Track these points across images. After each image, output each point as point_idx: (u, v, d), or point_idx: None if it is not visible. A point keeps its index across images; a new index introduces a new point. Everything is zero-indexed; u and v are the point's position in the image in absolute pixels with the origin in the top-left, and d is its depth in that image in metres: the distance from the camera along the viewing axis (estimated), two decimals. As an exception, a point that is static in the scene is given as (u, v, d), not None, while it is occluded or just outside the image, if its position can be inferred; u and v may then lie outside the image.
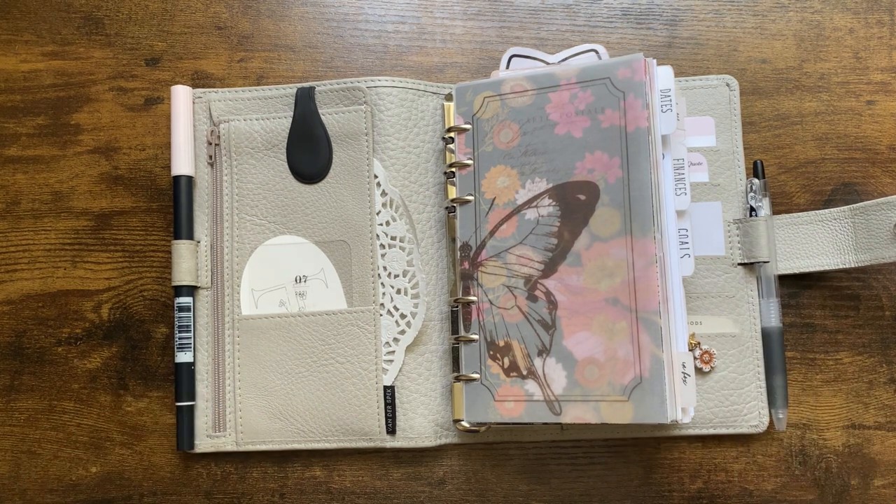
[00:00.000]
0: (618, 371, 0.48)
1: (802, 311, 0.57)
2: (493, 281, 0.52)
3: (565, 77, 0.52)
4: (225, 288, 0.56)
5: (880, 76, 0.59)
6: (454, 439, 0.55)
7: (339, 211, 0.56)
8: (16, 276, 0.59)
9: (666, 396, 0.47)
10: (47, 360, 0.58)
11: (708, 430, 0.54)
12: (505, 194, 0.53)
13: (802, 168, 0.58)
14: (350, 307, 0.55)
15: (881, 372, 0.56)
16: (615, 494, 0.56)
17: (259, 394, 0.55)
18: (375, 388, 0.54)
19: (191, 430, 0.55)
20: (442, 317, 0.56)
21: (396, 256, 0.55)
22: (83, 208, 0.59)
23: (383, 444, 0.54)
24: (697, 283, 0.55)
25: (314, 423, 0.54)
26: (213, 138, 0.57)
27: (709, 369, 0.54)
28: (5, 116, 0.60)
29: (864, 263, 0.53)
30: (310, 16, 0.61)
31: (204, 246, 0.57)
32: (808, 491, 0.55)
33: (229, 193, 0.57)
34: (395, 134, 0.56)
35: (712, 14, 0.60)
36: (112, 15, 0.61)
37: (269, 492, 0.56)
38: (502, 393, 0.51)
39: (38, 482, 0.57)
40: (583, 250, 0.50)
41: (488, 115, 0.54)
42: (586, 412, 0.49)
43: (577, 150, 0.51)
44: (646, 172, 0.49)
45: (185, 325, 0.55)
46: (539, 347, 0.50)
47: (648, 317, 0.47)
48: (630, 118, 0.50)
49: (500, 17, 0.61)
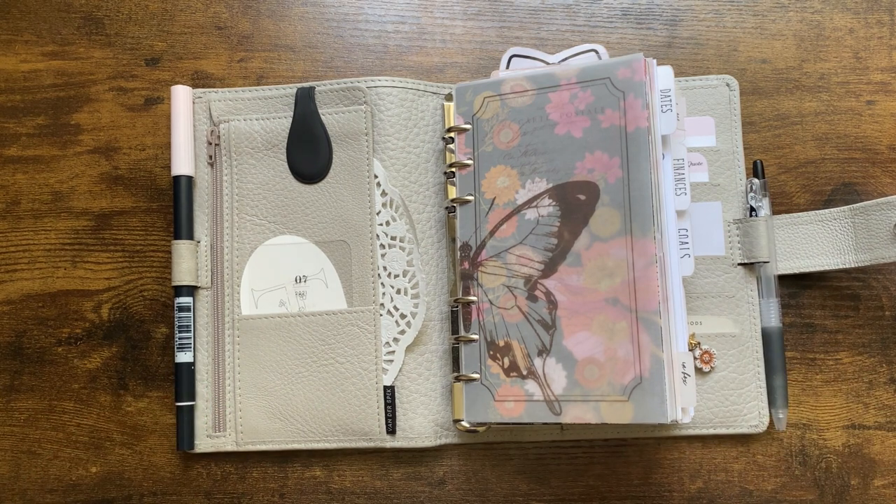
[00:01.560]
0: (618, 371, 0.48)
1: (802, 311, 0.57)
2: (493, 281, 0.52)
3: (565, 77, 0.52)
4: (225, 288, 0.56)
5: (880, 76, 0.59)
6: (454, 439, 0.55)
7: (339, 211, 0.55)
8: (16, 276, 0.59)
9: (666, 396, 0.46)
10: (47, 360, 0.58)
11: (708, 431, 0.54)
12: (505, 194, 0.53)
13: (802, 168, 0.58)
14: (350, 307, 0.55)
15: (881, 372, 0.56)
16: (615, 494, 0.56)
17: (259, 394, 0.55)
18: (375, 388, 0.54)
19: (191, 430, 0.55)
20: (442, 317, 0.56)
21: (396, 256, 0.55)
22: (83, 208, 0.59)
23: (383, 444, 0.54)
24: (697, 283, 0.55)
25: (314, 423, 0.54)
26: (213, 138, 0.57)
27: (709, 369, 0.54)
28: (5, 116, 0.60)
29: (864, 263, 0.53)
30: (310, 16, 0.61)
31: (204, 246, 0.57)
32: (808, 491, 0.55)
33: (229, 193, 0.57)
34: (395, 134, 0.56)
35: (712, 14, 0.60)
36: (112, 15, 0.61)
37: (269, 492, 0.56)
38: (502, 393, 0.51)
39: (38, 482, 0.57)
40: (583, 250, 0.50)
41: (488, 115, 0.54)
42: (586, 412, 0.48)
43: (577, 150, 0.51)
44: (646, 172, 0.49)
45: (185, 325, 0.55)
46: (539, 347, 0.50)
47: (648, 317, 0.47)
48: (630, 118, 0.50)
49: (500, 17, 0.61)
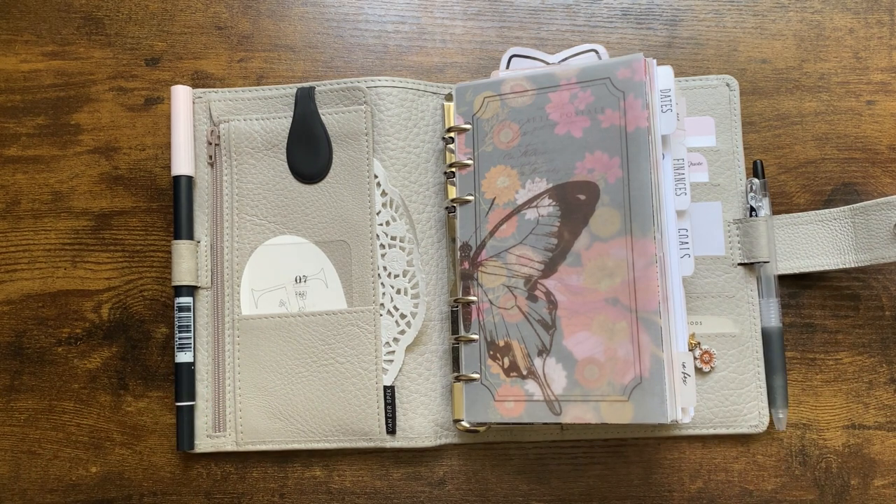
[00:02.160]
0: (618, 371, 0.48)
1: (802, 311, 0.57)
2: (493, 281, 0.52)
3: (565, 77, 0.52)
4: (225, 288, 0.56)
5: (880, 76, 0.59)
6: (454, 439, 0.55)
7: (339, 211, 0.55)
8: (16, 276, 0.59)
9: (666, 396, 0.46)
10: (47, 360, 0.58)
11: (708, 431, 0.54)
12: (505, 194, 0.53)
13: (802, 168, 0.58)
14: (350, 307, 0.55)
15: (881, 372, 0.56)
16: (615, 494, 0.56)
17: (259, 394, 0.55)
18: (375, 388, 0.54)
19: (191, 430, 0.55)
20: (442, 317, 0.55)
21: (396, 256, 0.55)
22: (83, 208, 0.59)
23: (383, 444, 0.54)
24: (698, 283, 0.55)
25: (314, 423, 0.54)
26: (213, 138, 0.57)
27: (709, 369, 0.54)
28: (5, 116, 0.60)
29: (864, 263, 0.53)
30: (310, 16, 0.61)
31: (204, 246, 0.57)
32: (808, 491, 0.55)
33: (229, 193, 0.57)
34: (395, 134, 0.56)
35: (712, 14, 0.60)
36: (112, 15, 0.61)
37: (269, 492, 0.56)
38: (502, 393, 0.51)
39: (38, 482, 0.57)
40: (583, 250, 0.50)
41: (488, 115, 0.54)
42: (586, 412, 0.48)
43: (577, 150, 0.51)
44: (646, 172, 0.49)
45: (185, 325, 0.55)
46: (539, 347, 0.50)
47: (648, 317, 0.47)
48: (630, 118, 0.50)
49: (500, 17, 0.61)
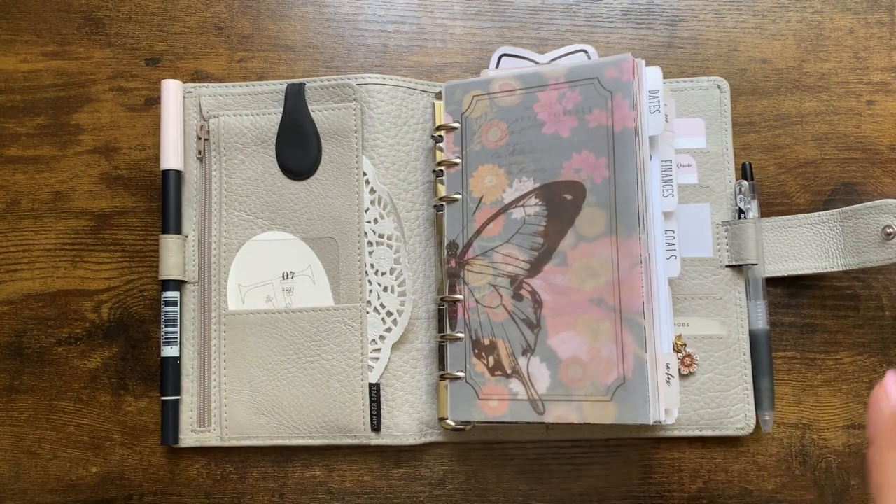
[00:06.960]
0: (601, 371, 0.48)
1: (802, 311, 0.56)
2: (480, 279, 0.52)
3: (553, 77, 0.52)
4: (212, 283, 0.56)
5: (880, 76, 0.58)
6: (439, 437, 0.55)
7: (328, 208, 0.56)
8: (16, 276, 0.59)
9: (649, 397, 0.46)
10: (47, 360, 0.58)
11: (693, 432, 0.54)
12: (492, 193, 0.53)
13: (802, 168, 0.58)
14: (337, 304, 0.55)
15: (881, 372, 0.55)
16: (615, 494, 0.55)
17: (244, 389, 0.55)
18: (361, 385, 0.54)
19: (175, 425, 0.55)
20: (428, 315, 0.55)
21: (384, 254, 0.55)
22: (83, 208, 0.60)
23: (368, 442, 0.54)
24: (685, 284, 0.55)
25: (299, 420, 0.54)
26: (203, 133, 0.57)
27: (687, 373, 0.54)
28: (5, 116, 0.61)
29: (852, 267, 0.53)
30: (310, 16, 0.61)
31: (192, 240, 0.57)
32: (808, 491, 0.55)
33: (218, 188, 0.57)
34: (384, 131, 0.56)
35: (712, 14, 0.60)
36: (112, 15, 0.62)
37: (269, 492, 0.56)
38: (486, 392, 0.51)
39: (38, 482, 0.57)
40: (568, 250, 0.50)
41: (477, 113, 0.54)
42: (569, 412, 0.48)
43: (565, 150, 0.51)
44: (632, 173, 0.48)
45: (172, 320, 0.56)
46: (524, 346, 0.50)
47: (632, 317, 0.47)
48: (617, 118, 0.49)
49: (500, 17, 0.61)
